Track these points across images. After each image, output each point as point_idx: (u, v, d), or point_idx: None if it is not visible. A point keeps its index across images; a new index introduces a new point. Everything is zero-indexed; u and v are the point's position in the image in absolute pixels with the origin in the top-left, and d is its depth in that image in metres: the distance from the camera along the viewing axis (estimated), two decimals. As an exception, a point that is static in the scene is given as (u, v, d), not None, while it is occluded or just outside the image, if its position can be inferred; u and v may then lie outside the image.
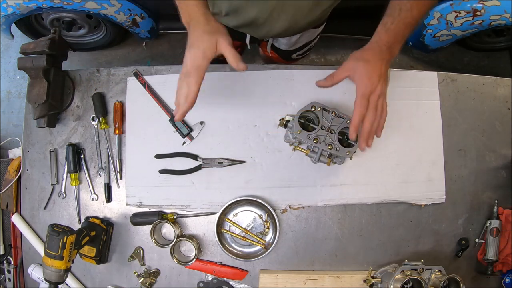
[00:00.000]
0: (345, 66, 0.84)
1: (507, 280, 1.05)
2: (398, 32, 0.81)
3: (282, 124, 1.00)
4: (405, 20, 0.80)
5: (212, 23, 0.83)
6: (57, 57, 1.04)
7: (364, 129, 0.82)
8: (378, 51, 0.81)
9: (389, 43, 0.81)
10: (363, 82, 0.80)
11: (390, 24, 0.81)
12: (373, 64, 0.80)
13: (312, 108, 0.94)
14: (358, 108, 0.80)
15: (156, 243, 1.01)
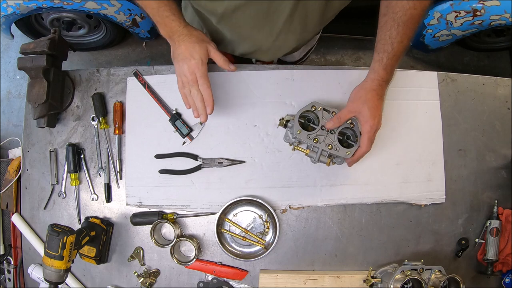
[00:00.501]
0: (350, 108, 0.90)
1: (507, 280, 1.05)
2: (393, 66, 0.87)
3: (282, 124, 1.00)
4: (398, 53, 0.84)
5: (194, 33, 0.88)
6: (57, 57, 1.04)
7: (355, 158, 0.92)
8: (380, 90, 0.88)
9: (387, 78, 0.88)
10: (369, 124, 0.87)
11: (386, 60, 0.85)
12: (377, 105, 0.87)
13: (313, 108, 0.94)
14: (364, 149, 0.89)
15: (156, 243, 1.01)
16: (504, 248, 1.05)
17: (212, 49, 0.89)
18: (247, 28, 0.93)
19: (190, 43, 0.86)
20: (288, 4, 0.82)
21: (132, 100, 1.08)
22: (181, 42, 0.87)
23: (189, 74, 0.87)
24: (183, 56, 0.87)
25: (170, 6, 0.85)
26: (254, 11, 0.86)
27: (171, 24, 0.86)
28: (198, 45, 0.86)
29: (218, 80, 1.07)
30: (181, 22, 0.86)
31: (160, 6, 0.84)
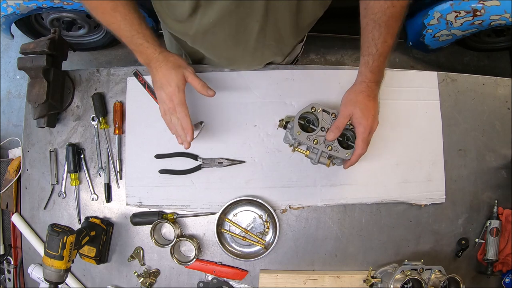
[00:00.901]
0: (344, 113, 0.89)
1: (507, 280, 1.05)
2: (380, 65, 0.86)
3: (281, 125, 0.99)
4: (384, 53, 0.83)
5: (171, 59, 0.87)
6: (57, 57, 1.04)
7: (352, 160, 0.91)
8: (370, 91, 0.87)
9: (377, 79, 0.87)
10: (362, 125, 0.86)
11: (372, 62, 0.84)
12: (368, 106, 0.87)
13: (312, 109, 0.93)
14: (358, 151, 0.88)
15: (156, 243, 1.01)
16: (504, 248, 1.05)
17: (189, 75, 0.87)
18: (221, 48, 0.94)
19: (167, 69, 0.85)
20: (256, 23, 0.82)
21: (132, 100, 1.08)
22: (158, 69, 0.86)
23: (168, 102, 0.86)
24: (160, 84, 0.86)
25: (144, 33, 0.83)
26: (224, 32, 0.86)
27: (146, 52, 0.85)
28: (175, 71, 0.85)
29: (218, 80, 1.07)
30: (156, 49, 0.85)
31: (133, 34, 0.83)
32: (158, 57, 0.85)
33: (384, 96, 1.07)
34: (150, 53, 0.85)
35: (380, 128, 1.02)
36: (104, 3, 0.79)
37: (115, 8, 0.80)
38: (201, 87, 0.87)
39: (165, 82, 0.85)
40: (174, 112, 0.86)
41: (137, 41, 0.84)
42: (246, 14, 0.79)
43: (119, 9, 0.80)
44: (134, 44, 0.84)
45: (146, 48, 0.85)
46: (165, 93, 0.85)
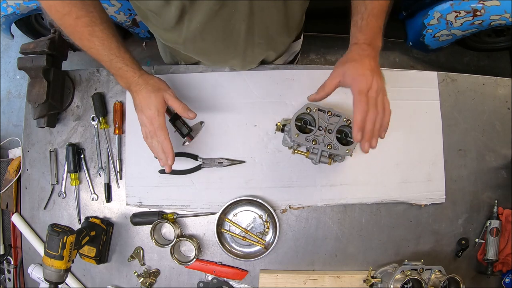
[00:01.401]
0: (333, 73, 0.81)
1: (507, 280, 1.05)
2: (372, 26, 0.78)
3: (278, 128, 0.99)
4: (374, 11, 0.77)
5: (151, 82, 0.87)
6: (57, 57, 1.04)
7: (366, 129, 0.77)
8: (360, 50, 0.79)
9: (368, 40, 0.79)
10: (357, 80, 0.76)
11: (361, 21, 0.78)
12: (360, 61, 0.77)
13: (308, 110, 0.93)
14: (358, 105, 0.76)
15: (156, 243, 1.01)
16: (504, 248, 1.05)
17: (169, 97, 0.86)
18: (212, 51, 0.94)
19: (147, 92, 0.85)
20: (242, 22, 0.82)
21: (132, 100, 1.08)
22: (138, 92, 0.86)
23: (149, 125, 0.86)
24: (140, 107, 0.86)
25: (122, 57, 0.83)
26: (212, 36, 0.86)
27: (126, 75, 0.85)
28: (154, 94, 0.85)
29: (218, 80, 1.07)
30: (135, 72, 0.85)
31: (112, 59, 0.82)
32: (137, 81, 0.85)
33: (384, 96, 1.07)
34: (130, 76, 0.85)
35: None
36: (81, 29, 0.79)
37: (92, 33, 0.79)
38: (181, 109, 0.87)
39: (145, 105, 0.85)
40: (154, 135, 0.86)
41: (116, 65, 0.83)
42: (231, 14, 0.79)
43: (96, 34, 0.79)
44: (114, 68, 0.84)
45: (125, 72, 0.84)
46: (145, 116, 0.86)
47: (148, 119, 0.85)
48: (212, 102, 1.07)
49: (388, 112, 0.79)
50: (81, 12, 0.78)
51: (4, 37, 1.86)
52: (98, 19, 0.80)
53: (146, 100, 0.85)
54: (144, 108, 0.85)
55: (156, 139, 0.86)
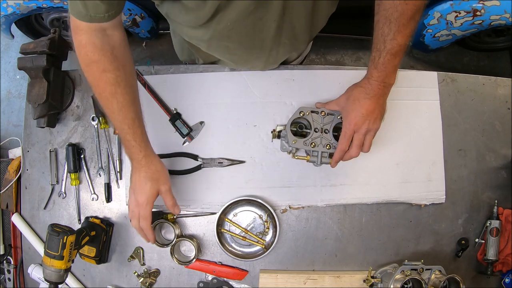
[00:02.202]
0: (337, 101, 0.91)
1: (507, 280, 1.05)
2: (387, 65, 0.81)
3: (275, 136, 0.99)
4: (392, 51, 0.80)
5: (152, 168, 0.86)
6: (57, 57, 1.04)
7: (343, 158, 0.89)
8: (370, 88, 0.83)
9: (381, 78, 0.82)
10: (348, 121, 0.85)
11: (378, 58, 0.81)
12: (360, 103, 0.84)
13: (301, 114, 0.93)
14: (340, 147, 0.87)
15: (156, 243, 1.01)
16: (504, 248, 1.05)
17: (164, 191, 0.88)
18: (237, 50, 0.93)
19: (144, 178, 0.85)
20: (273, 22, 0.81)
21: (132, 100, 1.08)
22: (137, 172, 0.85)
23: (135, 208, 0.87)
24: (134, 188, 0.87)
25: (134, 132, 0.81)
26: (240, 35, 0.85)
27: (131, 150, 0.84)
28: (151, 184, 0.85)
29: (218, 80, 1.07)
30: (141, 151, 0.84)
31: (123, 128, 0.81)
32: (141, 160, 0.85)
33: (384, 96, 1.07)
34: (134, 152, 0.84)
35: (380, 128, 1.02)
36: (104, 85, 0.77)
37: (114, 95, 0.78)
38: (170, 203, 0.90)
39: (138, 189, 0.86)
40: (135, 218, 0.88)
41: (126, 137, 0.82)
42: (263, 14, 0.78)
43: (117, 96, 0.78)
44: (123, 138, 0.84)
45: (132, 147, 0.83)
46: (135, 200, 0.87)
47: (136, 204, 0.87)
48: (212, 102, 1.07)
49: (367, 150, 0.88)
50: (109, 66, 0.76)
51: (4, 37, 1.86)
52: (123, 80, 0.79)
53: (142, 186, 0.85)
54: (136, 192, 0.86)
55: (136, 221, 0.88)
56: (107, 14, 0.73)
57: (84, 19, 0.72)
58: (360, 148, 0.87)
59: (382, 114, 0.87)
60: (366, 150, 0.88)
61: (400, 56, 0.82)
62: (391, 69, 0.83)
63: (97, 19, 0.73)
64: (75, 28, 0.76)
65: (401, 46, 0.80)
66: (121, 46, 0.80)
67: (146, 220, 0.87)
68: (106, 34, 0.77)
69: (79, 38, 0.75)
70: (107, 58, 0.76)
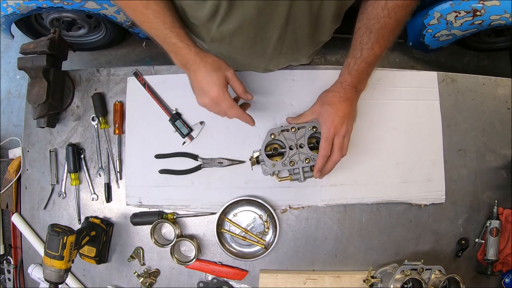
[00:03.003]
0: (312, 109, 0.91)
1: (507, 280, 1.05)
2: (361, 72, 0.84)
3: (253, 162, 0.98)
4: (368, 60, 0.82)
5: (209, 60, 0.81)
6: (57, 57, 1.04)
7: (326, 168, 0.88)
8: (343, 92, 0.86)
9: (353, 83, 0.85)
10: (327, 125, 0.85)
11: (353, 65, 0.83)
12: (336, 106, 0.85)
13: (272, 136, 0.93)
14: (322, 152, 0.86)
15: (156, 243, 1.01)
16: (504, 248, 1.05)
17: (231, 77, 0.81)
18: (237, 55, 0.93)
19: (206, 72, 0.79)
20: (275, 31, 0.81)
21: (132, 100, 1.08)
22: (197, 71, 0.79)
23: (214, 107, 0.81)
24: (201, 88, 0.80)
25: (177, 32, 0.78)
26: (242, 40, 0.84)
27: (180, 52, 0.79)
28: (215, 74, 0.79)
29: (218, 80, 1.07)
30: (191, 49, 0.79)
31: (165, 34, 0.77)
32: (194, 58, 0.79)
33: (384, 96, 1.07)
34: (185, 53, 0.79)
35: (380, 128, 1.04)
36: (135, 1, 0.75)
37: (147, 6, 0.75)
38: (242, 90, 0.83)
39: (206, 86, 0.79)
40: (225, 114, 0.83)
41: (171, 41, 0.78)
42: (266, 22, 0.78)
43: (150, 6, 0.75)
44: (168, 44, 0.79)
45: (180, 49, 0.79)
46: (208, 99, 0.80)
47: (212, 101, 0.80)
48: (212, 102, 1.07)
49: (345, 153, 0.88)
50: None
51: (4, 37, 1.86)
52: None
53: (207, 80, 0.78)
54: (205, 90, 0.79)
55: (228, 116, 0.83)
56: None
57: None
58: (340, 152, 0.86)
59: (355, 117, 0.89)
60: (345, 153, 0.88)
61: (374, 65, 0.84)
62: (364, 77, 0.85)
63: None
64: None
65: (377, 56, 0.82)
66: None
67: (234, 108, 0.81)
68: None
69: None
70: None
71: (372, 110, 1.06)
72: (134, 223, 1.04)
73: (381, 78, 1.07)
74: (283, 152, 0.94)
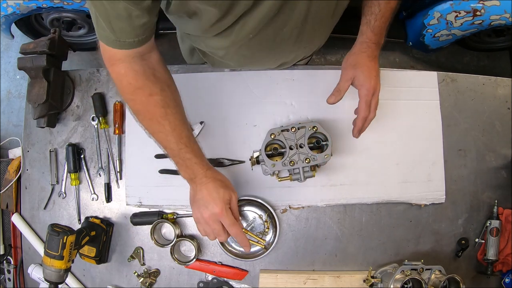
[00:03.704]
0: (345, 76, 0.89)
1: (507, 280, 1.05)
2: (382, 28, 0.85)
3: (253, 162, 0.98)
4: (386, 14, 0.84)
5: (219, 177, 0.83)
6: (57, 57, 1.04)
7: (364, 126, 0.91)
8: (370, 51, 0.87)
9: (377, 40, 0.87)
10: (365, 87, 0.86)
11: (374, 21, 0.84)
12: (368, 67, 0.86)
13: (272, 136, 0.93)
14: (362, 113, 0.87)
15: (156, 243, 1.01)
16: (504, 248, 1.05)
17: (234, 199, 0.83)
18: (254, 58, 0.93)
19: (215, 188, 0.80)
20: (294, 30, 0.81)
21: (132, 100, 1.08)
22: (204, 185, 0.80)
23: (212, 223, 0.80)
24: (204, 202, 0.80)
25: (192, 148, 0.79)
26: (260, 44, 0.84)
27: (193, 167, 0.80)
28: (223, 190, 0.80)
29: (218, 80, 1.07)
30: (203, 166, 0.80)
31: (181, 148, 0.77)
32: (206, 174, 0.81)
33: (384, 96, 1.06)
34: (198, 169, 0.80)
35: (380, 128, 1.04)
36: (153, 109, 0.74)
37: (165, 116, 0.74)
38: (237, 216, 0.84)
39: (210, 200, 0.80)
40: (221, 233, 0.81)
41: (185, 156, 0.78)
42: (285, 22, 0.77)
43: (168, 117, 0.75)
44: (181, 158, 0.79)
45: (193, 164, 0.79)
46: (210, 213, 0.80)
47: (213, 216, 0.80)
48: (212, 102, 1.07)
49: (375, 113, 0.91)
50: (155, 89, 0.73)
51: (4, 37, 1.86)
52: (171, 100, 0.76)
53: (213, 195, 0.80)
54: (209, 204, 0.80)
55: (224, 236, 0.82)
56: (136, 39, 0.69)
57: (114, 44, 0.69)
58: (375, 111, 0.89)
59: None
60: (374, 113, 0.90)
61: (391, 19, 0.86)
62: (384, 32, 0.87)
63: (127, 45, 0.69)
64: (110, 59, 0.73)
65: (393, 10, 0.84)
66: (160, 67, 0.77)
67: (235, 225, 0.81)
68: (144, 58, 0.74)
69: (117, 69, 0.72)
70: (151, 82, 0.74)
71: (372, 110, 1.06)
72: (134, 223, 1.04)
73: (381, 78, 1.07)
74: (283, 152, 0.94)
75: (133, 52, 0.71)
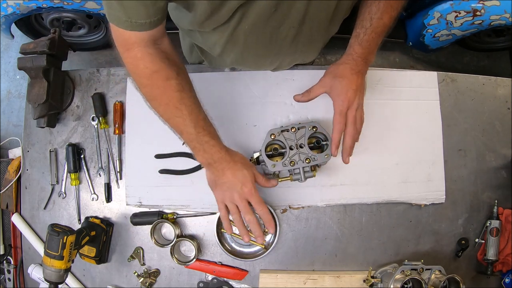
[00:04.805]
0: (322, 83, 0.87)
1: (507, 280, 1.05)
2: (371, 43, 0.82)
3: (254, 163, 0.97)
4: (377, 30, 0.81)
5: (237, 159, 0.83)
6: (57, 57, 1.04)
7: (346, 144, 0.86)
8: (354, 64, 0.83)
9: (364, 55, 0.83)
10: (340, 98, 0.83)
11: (363, 35, 0.81)
12: (349, 79, 0.83)
13: (272, 137, 0.93)
14: (337, 126, 0.84)
15: (156, 243, 1.01)
16: (504, 248, 1.05)
17: (256, 173, 0.85)
18: (250, 57, 0.93)
19: (238, 169, 0.81)
20: (291, 30, 0.80)
21: (132, 100, 1.08)
22: (226, 169, 0.81)
23: (240, 202, 0.82)
24: (230, 184, 0.81)
25: (209, 130, 0.79)
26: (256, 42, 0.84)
27: (211, 150, 0.79)
28: (246, 170, 0.82)
29: (218, 80, 1.08)
30: (221, 148, 0.80)
31: (199, 131, 0.77)
32: (224, 157, 0.81)
33: (384, 96, 1.07)
34: (216, 152, 0.80)
35: (380, 128, 1.04)
36: (171, 93, 0.74)
37: (181, 100, 0.74)
38: (265, 181, 0.87)
39: (237, 182, 0.81)
40: (248, 212, 0.83)
41: (203, 139, 0.78)
42: (282, 21, 0.77)
43: (185, 101, 0.75)
44: (199, 142, 0.79)
45: (211, 147, 0.79)
46: (238, 194, 0.82)
47: (241, 197, 0.82)
48: (212, 102, 1.06)
49: (362, 122, 0.87)
50: (171, 73, 0.74)
51: (4, 37, 1.86)
52: (186, 84, 0.76)
53: (239, 177, 0.81)
54: (236, 185, 0.81)
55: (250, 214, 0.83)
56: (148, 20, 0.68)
57: (125, 25, 0.68)
58: (355, 125, 0.85)
59: (365, 90, 0.88)
60: (360, 127, 0.87)
61: (383, 36, 0.83)
62: (374, 48, 0.83)
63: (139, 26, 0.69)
64: (125, 44, 0.73)
65: (386, 27, 0.81)
66: (173, 52, 0.78)
67: (262, 204, 0.83)
68: (157, 43, 0.74)
69: (133, 53, 0.73)
70: (167, 65, 0.74)
71: (372, 110, 1.05)
72: (134, 223, 1.04)
73: (381, 78, 1.07)
74: (283, 152, 0.94)
75: (147, 36, 0.71)
